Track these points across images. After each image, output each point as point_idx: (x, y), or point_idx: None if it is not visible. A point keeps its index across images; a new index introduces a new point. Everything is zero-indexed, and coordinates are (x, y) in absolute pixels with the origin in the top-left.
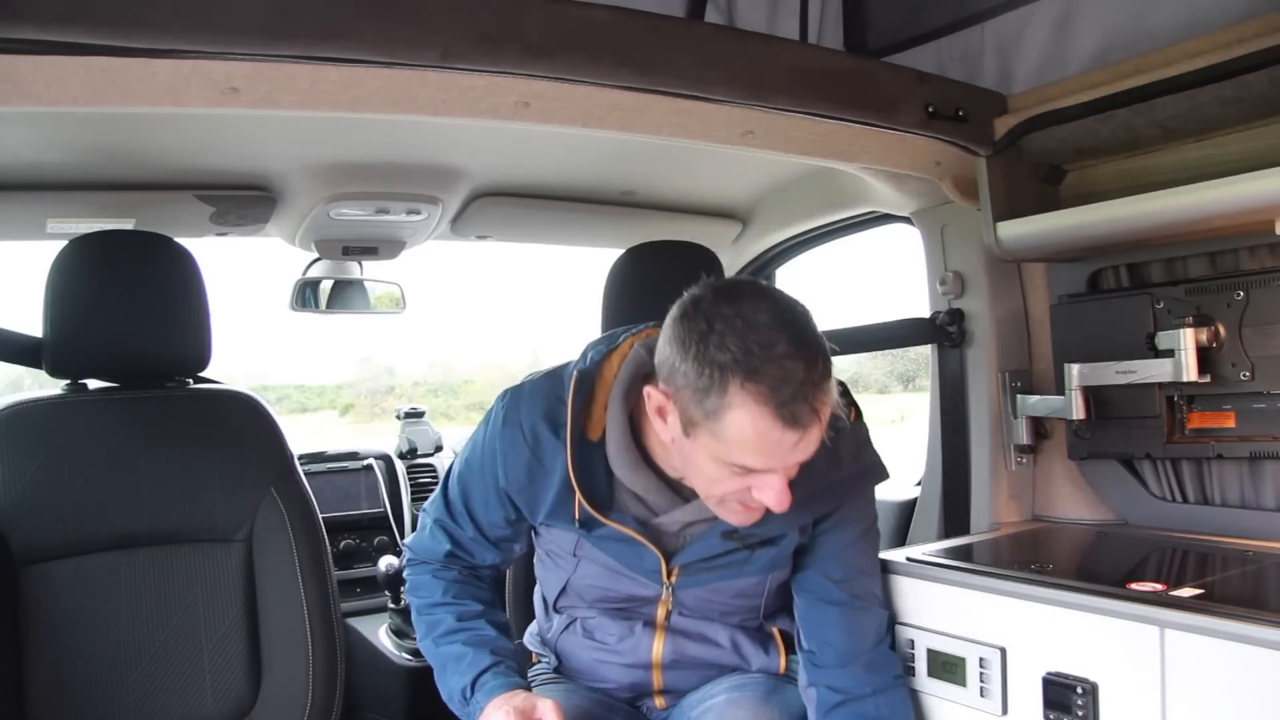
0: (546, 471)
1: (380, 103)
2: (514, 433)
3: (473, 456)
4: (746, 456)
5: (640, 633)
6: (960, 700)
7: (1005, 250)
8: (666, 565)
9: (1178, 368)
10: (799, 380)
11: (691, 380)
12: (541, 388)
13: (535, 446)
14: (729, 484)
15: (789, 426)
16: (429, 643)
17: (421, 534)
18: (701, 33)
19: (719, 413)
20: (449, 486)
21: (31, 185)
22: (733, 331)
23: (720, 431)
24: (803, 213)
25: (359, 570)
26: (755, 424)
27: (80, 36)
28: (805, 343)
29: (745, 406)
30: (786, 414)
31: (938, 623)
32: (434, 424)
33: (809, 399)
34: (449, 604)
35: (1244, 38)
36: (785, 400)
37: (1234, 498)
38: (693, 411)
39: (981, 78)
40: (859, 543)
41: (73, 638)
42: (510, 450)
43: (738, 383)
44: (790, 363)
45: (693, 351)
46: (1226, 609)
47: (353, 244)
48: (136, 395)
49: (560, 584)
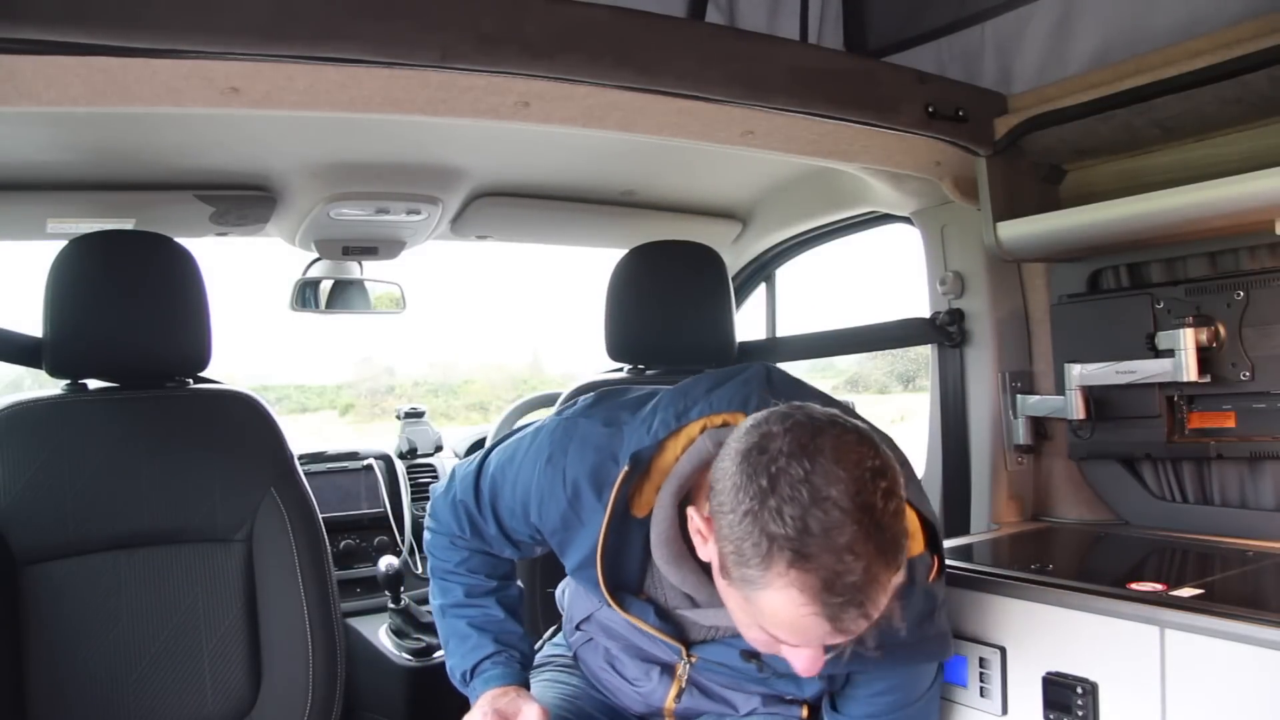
0: (583, 525)
1: (380, 103)
2: (555, 478)
3: (511, 469)
4: (780, 631)
5: (657, 679)
6: (960, 700)
7: (1005, 250)
8: (686, 651)
9: (1178, 368)
10: (856, 581)
11: (736, 537)
12: (594, 438)
13: (574, 500)
14: (757, 636)
15: (830, 623)
16: (438, 608)
17: (446, 501)
18: (702, 33)
19: (757, 584)
20: (482, 476)
21: (31, 185)
22: (795, 503)
23: (755, 599)
24: (803, 213)
25: (359, 570)
26: (794, 611)
27: (80, 36)
28: (875, 533)
29: (787, 592)
30: (831, 613)
31: None
32: (434, 424)
33: (863, 603)
34: (461, 576)
35: (1244, 38)
36: (834, 599)
37: (1234, 498)
38: (732, 565)
39: (981, 78)
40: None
41: (73, 637)
42: (548, 494)
43: (784, 562)
44: (851, 558)
45: (744, 507)
46: (1226, 609)
47: (353, 244)
48: (136, 395)
49: (585, 613)
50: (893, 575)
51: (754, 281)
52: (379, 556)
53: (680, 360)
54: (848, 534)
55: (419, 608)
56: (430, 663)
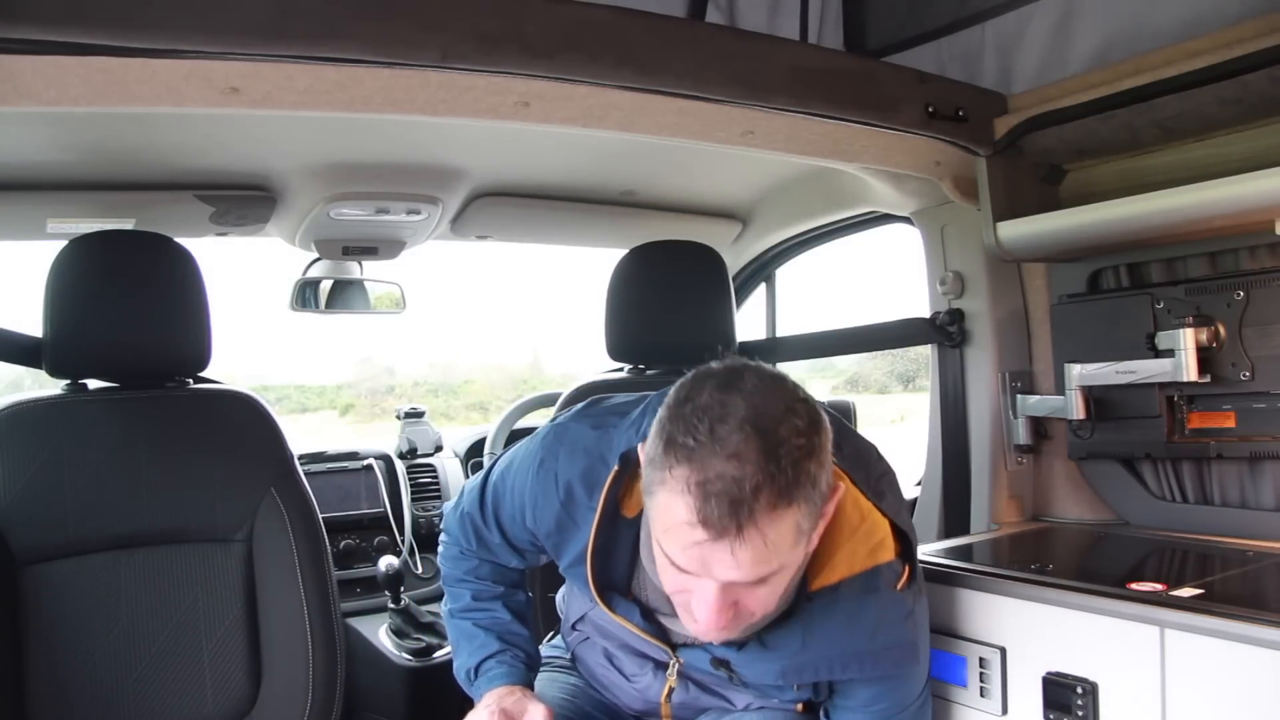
0: (575, 526)
1: (380, 103)
2: (549, 482)
3: (509, 477)
4: (670, 546)
5: (652, 675)
6: (960, 700)
7: (1005, 250)
8: (674, 654)
9: (1178, 368)
10: (736, 493)
11: (649, 448)
12: (584, 441)
13: (568, 502)
14: (671, 579)
15: (704, 527)
16: (447, 614)
17: (455, 516)
18: (702, 33)
19: (654, 488)
20: (486, 488)
21: (31, 185)
22: (701, 414)
23: (652, 508)
24: (803, 213)
25: (359, 570)
26: (671, 510)
27: (80, 36)
28: (769, 455)
29: (670, 488)
30: (705, 513)
31: (938, 623)
32: (434, 424)
33: (741, 523)
34: (470, 581)
35: (1244, 38)
36: (709, 497)
37: (1234, 498)
38: (647, 476)
39: (981, 78)
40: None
41: (73, 637)
42: (542, 498)
43: (673, 459)
44: (735, 465)
45: (661, 419)
46: (1226, 609)
47: (353, 244)
48: (136, 395)
49: (580, 612)
50: (784, 510)
51: (754, 281)
52: (379, 556)
53: (680, 360)
54: (737, 444)
55: (419, 608)
56: (430, 663)
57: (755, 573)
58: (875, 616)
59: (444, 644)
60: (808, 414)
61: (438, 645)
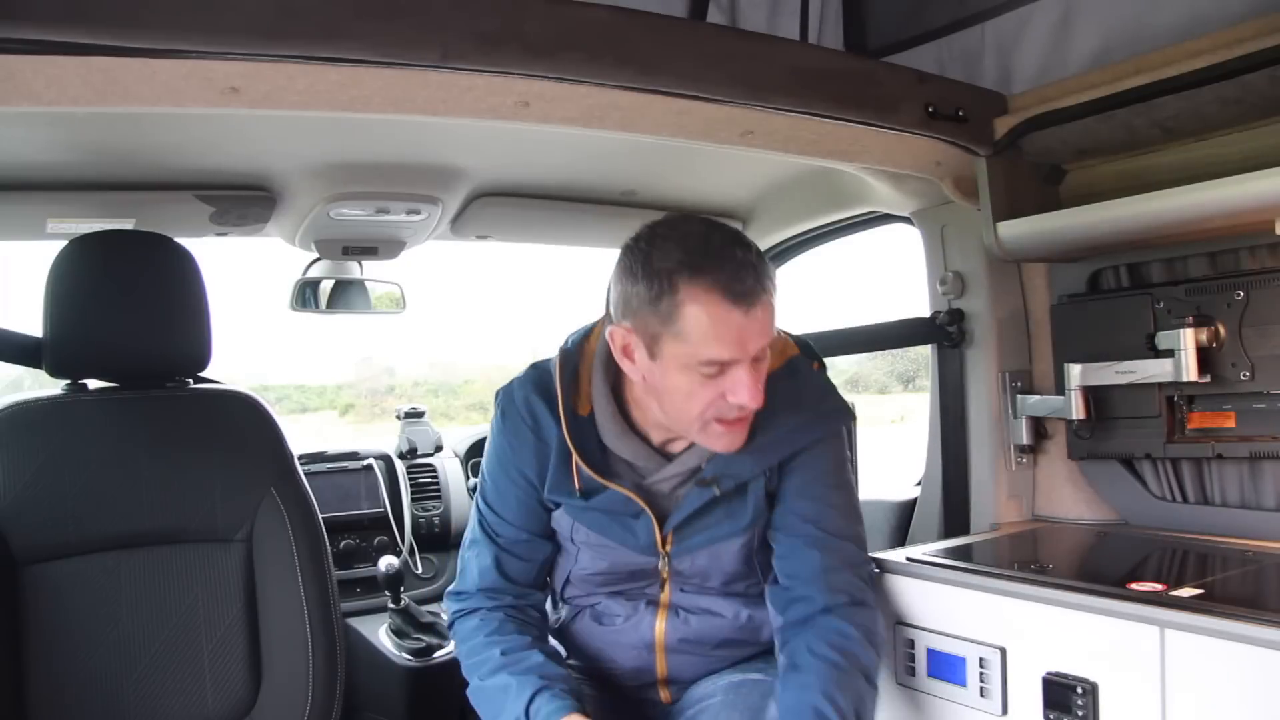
0: (546, 445)
1: (380, 103)
2: (514, 418)
3: (490, 459)
4: (710, 348)
5: (643, 611)
6: (960, 700)
7: (1005, 250)
8: (660, 531)
9: (1178, 368)
10: (738, 261)
11: (645, 296)
12: (529, 376)
13: (534, 424)
14: (703, 393)
15: (738, 303)
16: (476, 683)
17: (463, 571)
18: (702, 33)
19: (674, 314)
20: (478, 503)
21: (31, 185)
22: (671, 240)
23: (681, 332)
24: (803, 213)
25: (359, 570)
26: (708, 310)
27: (80, 36)
28: (737, 238)
29: (696, 298)
30: (733, 292)
31: (938, 623)
32: (434, 424)
33: (752, 275)
34: (493, 641)
35: (1244, 38)
36: (730, 280)
37: (1234, 498)
38: (652, 325)
39: (981, 78)
40: (828, 479)
41: (73, 638)
42: (515, 436)
43: (685, 278)
44: (727, 249)
45: (639, 271)
46: (1226, 609)
47: (353, 244)
48: (136, 395)
49: (565, 573)
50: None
51: None
52: (379, 556)
53: None
54: (716, 239)
55: (419, 608)
56: (430, 663)
57: (769, 335)
58: (807, 389)
59: (444, 644)
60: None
61: (438, 645)
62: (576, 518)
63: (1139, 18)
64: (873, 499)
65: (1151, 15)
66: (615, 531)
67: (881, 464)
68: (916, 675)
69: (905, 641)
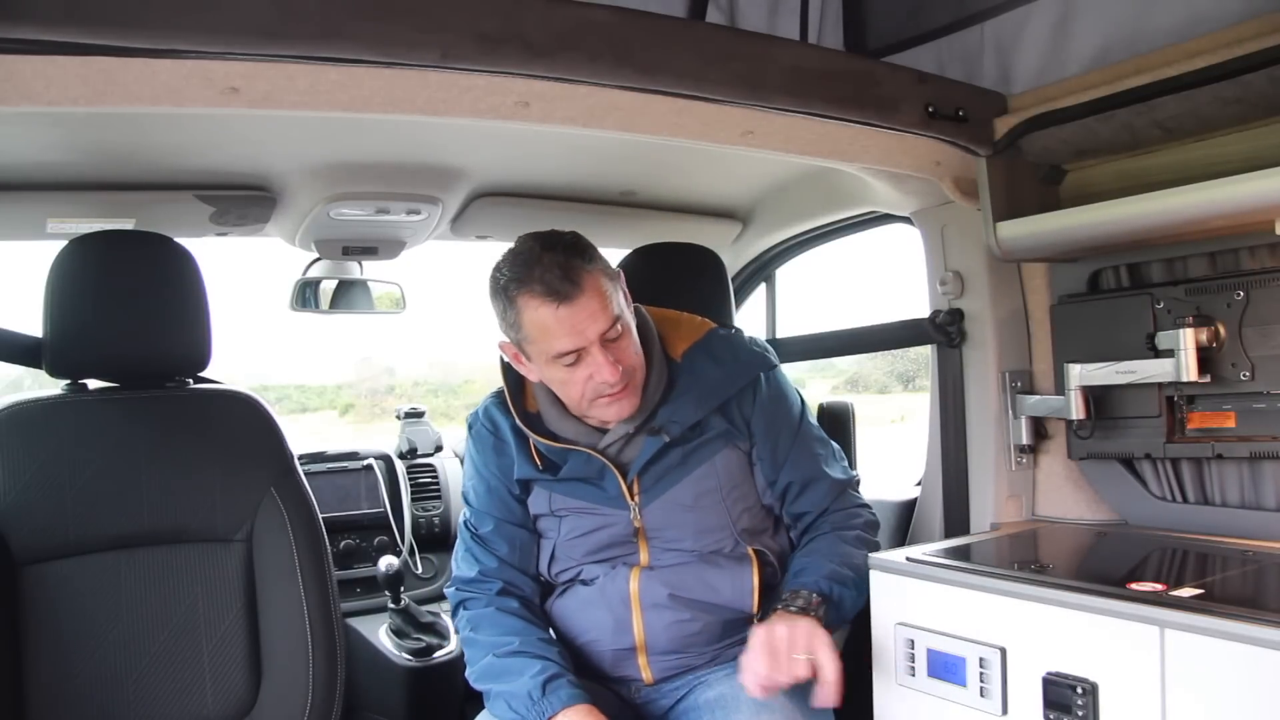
0: (505, 442)
1: (380, 103)
2: (479, 430)
3: (467, 468)
4: (552, 343)
5: (621, 569)
6: (960, 700)
7: (1005, 250)
8: (624, 481)
9: (1178, 368)
10: (549, 265)
11: (500, 313)
12: (490, 396)
13: (495, 429)
14: (574, 379)
15: (557, 300)
16: (490, 659)
17: (460, 561)
18: (701, 33)
19: (519, 322)
20: (466, 501)
21: (31, 185)
22: (508, 261)
23: (529, 336)
24: (803, 213)
25: (359, 570)
26: (536, 313)
27: (80, 36)
28: (552, 243)
29: (526, 304)
30: (551, 291)
31: (938, 623)
32: (434, 424)
33: (563, 275)
34: (508, 625)
35: (1244, 38)
36: (545, 283)
37: (1234, 498)
38: (514, 335)
39: (981, 78)
40: (786, 434)
41: (73, 638)
42: (481, 444)
43: (515, 291)
44: (546, 255)
45: (493, 293)
46: (1226, 609)
47: (353, 244)
48: (136, 395)
49: (550, 548)
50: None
51: (754, 281)
52: (379, 556)
53: None
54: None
55: (419, 608)
56: (430, 663)
57: (606, 318)
58: (727, 346)
59: (444, 644)
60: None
61: (438, 645)
62: (552, 489)
63: (1138, 18)
64: (873, 499)
65: (1151, 16)
66: (587, 491)
67: (882, 463)
68: (916, 675)
69: (905, 641)
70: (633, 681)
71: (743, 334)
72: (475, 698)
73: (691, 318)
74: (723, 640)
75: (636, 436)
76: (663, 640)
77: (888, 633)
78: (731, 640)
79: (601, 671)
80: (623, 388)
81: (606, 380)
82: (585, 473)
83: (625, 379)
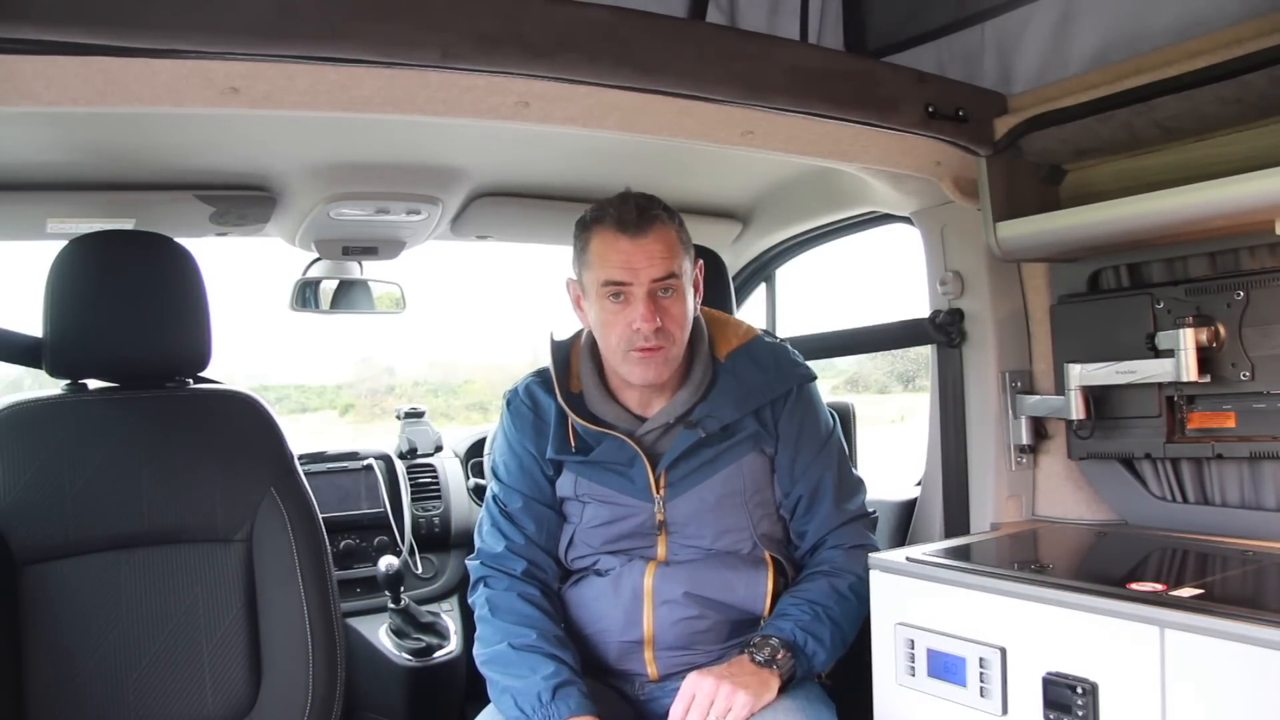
0: (544, 420)
1: (380, 103)
2: (517, 405)
3: (500, 444)
4: (609, 270)
5: (637, 563)
6: (960, 700)
7: (1005, 250)
8: (653, 473)
9: (1178, 368)
10: (622, 203)
11: (576, 247)
12: (532, 374)
13: (533, 405)
14: (616, 321)
15: (625, 230)
16: (504, 647)
17: (486, 535)
18: (701, 33)
19: (586, 249)
20: (490, 484)
21: (31, 185)
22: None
23: (589, 261)
24: (803, 213)
25: (359, 570)
26: (603, 238)
27: (80, 36)
28: (641, 195)
29: (597, 233)
30: (621, 223)
31: (938, 623)
32: (434, 424)
33: (638, 215)
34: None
35: (1244, 38)
36: (619, 216)
37: (1234, 498)
38: (579, 265)
39: (981, 78)
40: (809, 448)
41: (73, 638)
42: (517, 418)
43: (591, 221)
44: (626, 199)
45: (576, 233)
46: (1226, 609)
47: (353, 244)
48: (136, 395)
49: (570, 533)
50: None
51: (754, 281)
52: (379, 556)
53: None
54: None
55: (419, 608)
56: (430, 663)
57: (663, 267)
58: (770, 353)
59: (444, 644)
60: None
61: (438, 645)
62: (579, 473)
63: (1139, 18)
64: (873, 499)
65: (1151, 15)
66: (614, 480)
67: (882, 463)
68: (916, 675)
69: (905, 641)
70: (637, 677)
71: (786, 345)
72: (475, 697)
73: (739, 322)
74: (730, 640)
75: (674, 428)
76: (670, 635)
77: (888, 632)
78: (738, 641)
79: (607, 664)
80: (657, 347)
81: (639, 327)
82: (616, 458)
83: (662, 340)
